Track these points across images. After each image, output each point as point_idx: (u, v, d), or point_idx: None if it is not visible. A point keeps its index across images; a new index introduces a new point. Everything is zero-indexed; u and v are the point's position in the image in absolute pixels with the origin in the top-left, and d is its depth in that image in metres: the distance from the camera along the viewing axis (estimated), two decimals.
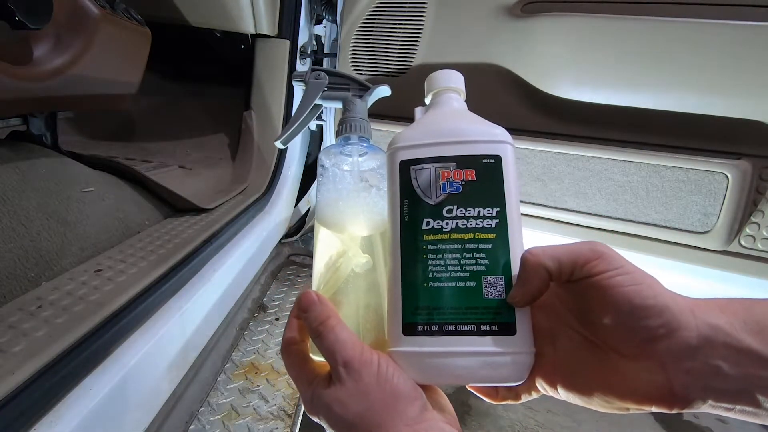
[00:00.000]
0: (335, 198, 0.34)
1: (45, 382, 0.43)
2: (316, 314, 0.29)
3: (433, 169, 0.29)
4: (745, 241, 0.77)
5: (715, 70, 0.74)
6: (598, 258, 0.25)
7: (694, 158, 0.76)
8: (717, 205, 0.76)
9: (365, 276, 0.33)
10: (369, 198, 0.34)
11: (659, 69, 0.77)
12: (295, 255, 1.33)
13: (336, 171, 0.35)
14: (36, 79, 0.59)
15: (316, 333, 0.29)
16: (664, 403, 0.24)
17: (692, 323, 0.24)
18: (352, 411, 0.26)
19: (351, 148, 0.36)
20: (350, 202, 0.34)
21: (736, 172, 0.74)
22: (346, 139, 0.36)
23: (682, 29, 0.74)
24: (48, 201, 0.61)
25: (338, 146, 0.36)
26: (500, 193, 0.29)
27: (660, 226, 0.81)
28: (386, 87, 0.39)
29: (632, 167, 0.81)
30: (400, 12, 0.94)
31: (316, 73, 0.39)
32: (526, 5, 0.85)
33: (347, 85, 0.39)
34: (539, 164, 0.88)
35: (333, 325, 0.28)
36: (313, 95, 0.38)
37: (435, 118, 0.33)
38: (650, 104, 0.79)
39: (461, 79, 0.36)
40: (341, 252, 0.33)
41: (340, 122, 0.37)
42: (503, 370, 0.27)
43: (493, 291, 0.27)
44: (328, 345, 0.28)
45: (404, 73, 0.96)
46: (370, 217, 0.34)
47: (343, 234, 0.34)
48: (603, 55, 0.80)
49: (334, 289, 0.33)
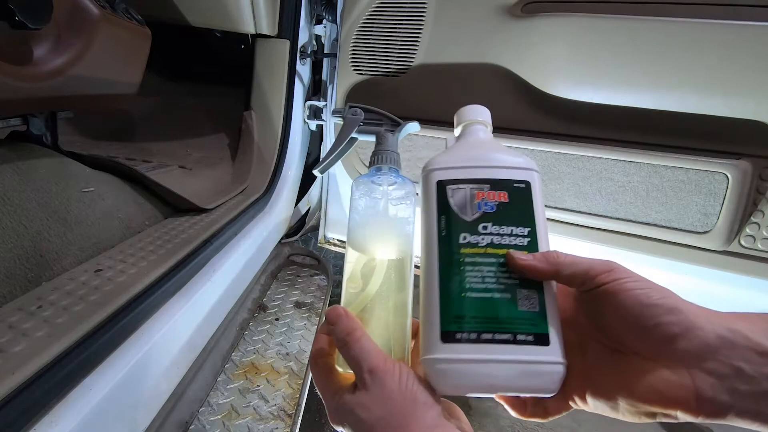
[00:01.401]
0: (365, 223, 0.37)
1: (45, 382, 0.43)
2: (343, 326, 0.31)
3: (469, 190, 0.32)
4: (745, 241, 0.77)
5: (715, 70, 0.74)
6: (610, 270, 0.28)
7: (694, 158, 0.76)
8: (717, 205, 0.76)
9: (391, 297, 0.36)
10: (397, 224, 0.37)
11: (659, 69, 0.77)
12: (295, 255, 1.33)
13: (367, 198, 0.38)
14: (36, 79, 0.59)
15: (343, 343, 0.31)
16: (690, 407, 0.24)
17: (708, 325, 0.24)
18: (375, 415, 0.28)
19: (382, 177, 0.39)
20: (379, 227, 0.37)
21: (736, 172, 0.74)
22: (378, 169, 0.39)
23: (682, 29, 0.74)
24: (48, 201, 0.61)
25: (370, 175, 0.39)
26: (531, 214, 0.32)
27: (660, 226, 0.81)
28: (416, 123, 0.42)
29: (632, 167, 0.81)
30: (400, 12, 0.94)
31: (353, 109, 0.43)
32: (526, 5, 0.85)
33: (380, 121, 0.42)
34: (539, 164, 0.88)
35: (359, 336, 0.31)
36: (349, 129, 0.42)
37: (467, 146, 0.37)
38: (650, 104, 0.79)
39: (488, 114, 0.39)
40: (368, 273, 0.36)
41: (373, 154, 0.40)
42: (537, 379, 0.28)
43: (527, 303, 0.29)
44: (355, 354, 0.30)
45: (404, 73, 0.96)
46: (397, 241, 0.37)
47: (371, 256, 0.36)
48: (603, 55, 0.80)
49: (361, 307, 0.35)
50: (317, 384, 0.33)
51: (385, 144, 0.40)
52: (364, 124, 0.42)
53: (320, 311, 1.10)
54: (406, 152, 0.97)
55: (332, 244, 1.26)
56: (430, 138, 0.94)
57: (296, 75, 1.16)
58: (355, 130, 0.42)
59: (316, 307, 1.10)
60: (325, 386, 0.32)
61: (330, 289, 1.21)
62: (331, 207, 1.24)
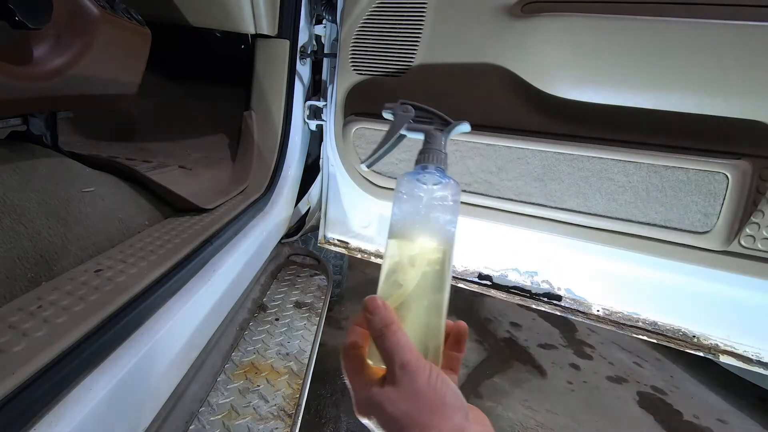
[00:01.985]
0: (408, 220, 0.38)
1: (45, 382, 0.43)
2: (381, 317, 0.32)
3: None
4: (745, 241, 0.77)
5: (715, 70, 0.74)
6: None
7: (694, 158, 0.76)
8: (717, 205, 0.76)
9: (428, 295, 0.36)
10: (439, 224, 0.38)
11: (659, 69, 0.77)
12: (295, 255, 1.33)
13: (412, 194, 0.39)
14: (36, 79, 0.59)
15: (379, 334, 0.31)
16: None
17: None
18: (402, 410, 0.28)
19: (427, 176, 0.39)
20: (421, 225, 0.38)
21: (736, 172, 0.74)
22: (424, 168, 0.40)
23: (682, 29, 0.74)
24: (48, 201, 0.61)
25: (416, 173, 0.40)
26: None
27: (660, 226, 0.81)
28: (467, 124, 0.42)
29: (632, 167, 0.81)
30: (400, 12, 0.94)
31: (404, 106, 0.43)
32: (526, 5, 0.85)
33: (430, 119, 0.42)
34: (539, 164, 0.88)
35: (395, 330, 0.31)
36: (399, 125, 0.42)
37: None
38: (650, 104, 0.79)
39: None
40: (407, 270, 0.36)
41: (420, 152, 0.40)
42: None
43: None
44: (389, 346, 0.31)
45: (404, 73, 0.96)
46: (438, 241, 0.37)
47: (411, 253, 0.37)
48: (603, 55, 0.80)
49: (398, 303, 0.36)
50: (347, 375, 0.34)
51: (434, 143, 0.40)
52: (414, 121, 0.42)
53: (320, 311, 1.10)
54: (405, 152, 0.97)
55: (332, 244, 1.26)
56: None
57: (296, 75, 1.16)
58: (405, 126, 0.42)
59: (316, 307, 1.10)
60: (354, 378, 0.33)
61: (330, 289, 1.21)
62: (331, 207, 1.24)
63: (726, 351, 0.88)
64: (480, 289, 1.08)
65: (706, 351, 0.89)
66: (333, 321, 2.08)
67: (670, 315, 0.92)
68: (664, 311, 0.92)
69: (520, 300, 1.04)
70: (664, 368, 2.18)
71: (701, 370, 2.17)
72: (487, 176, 0.92)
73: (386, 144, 0.43)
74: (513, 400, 1.75)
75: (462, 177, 0.94)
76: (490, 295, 1.07)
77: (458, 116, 0.41)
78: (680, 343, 0.91)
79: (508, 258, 1.05)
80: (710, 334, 0.89)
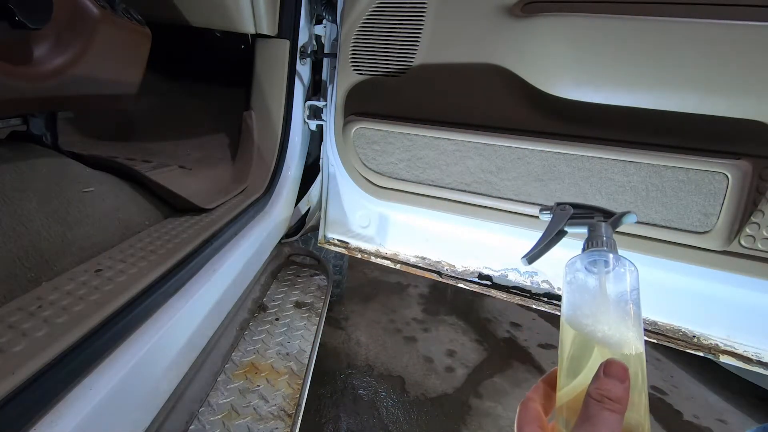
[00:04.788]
0: (589, 309, 0.36)
1: (45, 382, 0.43)
2: (618, 392, 0.30)
3: None
4: (745, 241, 0.77)
5: (715, 70, 0.74)
6: None
7: (694, 158, 0.76)
8: (717, 205, 0.76)
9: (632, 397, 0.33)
10: (625, 317, 0.35)
11: (659, 69, 0.77)
12: (295, 255, 1.33)
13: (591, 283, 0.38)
14: (36, 79, 0.59)
15: (601, 407, 0.29)
16: None
17: None
18: None
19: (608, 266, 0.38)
20: (605, 316, 0.35)
21: (736, 172, 0.74)
22: (600, 254, 0.38)
23: (682, 29, 0.74)
24: (48, 201, 0.61)
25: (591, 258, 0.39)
26: None
27: (660, 226, 0.81)
28: (633, 214, 0.42)
29: (632, 167, 0.81)
30: (400, 12, 0.94)
31: (561, 206, 0.46)
32: (526, 5, 0.85)
33: (591, 214, 0.44)
34: (539, 164, 0.88)
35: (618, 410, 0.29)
36: (558, 223, 0.45)
37: None
38: (650, 104, 0.79)
39: None
40: (583, 362, 0.34)
41: (587, 240, 0.40)
42: None
43: None
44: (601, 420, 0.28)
45: (404, 73, 0.96)
46: (622, 335, 0.34)
47: (595, 344, 0.34)
48: (603, 55, 0.80)
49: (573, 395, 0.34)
50: (518, 421, 0.34)
51: (600, 232, 0.40)
52: (573, 217, 0.44)
53: (320, 311, 1.10)
54: (405, 152, 0.97)
55: (332, 244, 1.26)
56: (431, 138, 0.94)
57: (296, 75, 1.16)
58: (565, 223, 0.44)
59: (316, 307, 1.11)
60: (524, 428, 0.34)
61: (330, 289, 1.21)
62: (331, 207, 1.24)
63: (726, 351, 0.88)
64: (480, 289, 1.08)
65: (706, 351, 0.89)
66: (333, 321, 2.08)
67: (670, 315, 0.92)
68: (664, 311, 0.92)
69: (520, 300, 1.04)
70: (664, 368, 2.18)
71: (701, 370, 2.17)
72: (487, 176, 0.92)
73: (546, 240, 0.45)
74: (513, 400, 1.75)
75: (462, 177, 0.94)
76: (490, 295, 1.07)
77: (458, 116, 0.41)
78: (680, 343, 0.91)
79: (508, 258, 1.05)
80: (710, 334, 0.89)
